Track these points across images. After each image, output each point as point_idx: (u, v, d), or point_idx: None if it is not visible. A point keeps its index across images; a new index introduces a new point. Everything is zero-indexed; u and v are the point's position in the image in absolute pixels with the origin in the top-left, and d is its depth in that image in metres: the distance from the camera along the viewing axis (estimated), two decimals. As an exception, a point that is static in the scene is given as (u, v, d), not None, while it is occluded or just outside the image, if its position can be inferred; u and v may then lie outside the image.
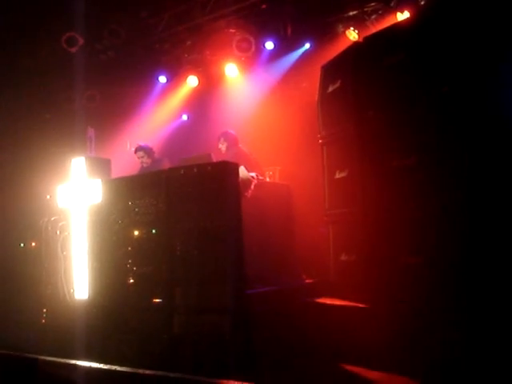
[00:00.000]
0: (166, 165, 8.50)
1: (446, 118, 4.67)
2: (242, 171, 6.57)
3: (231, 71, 10.64)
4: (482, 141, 4.38)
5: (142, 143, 9.41)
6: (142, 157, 9.08)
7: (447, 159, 4.62)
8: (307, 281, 7.16)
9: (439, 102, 4.76)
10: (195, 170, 5.28)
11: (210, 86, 11.37)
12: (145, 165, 9.05)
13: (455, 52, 4.64)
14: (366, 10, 9.12)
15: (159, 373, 3.73)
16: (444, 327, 4.40)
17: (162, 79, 11.08)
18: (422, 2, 8.44)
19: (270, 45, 9.56)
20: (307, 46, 9.92)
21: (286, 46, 9.74)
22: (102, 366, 4.04)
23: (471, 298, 4.11)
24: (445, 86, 4.71)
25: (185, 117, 12.64)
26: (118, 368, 3.87)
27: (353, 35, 9.16)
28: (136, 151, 9.21)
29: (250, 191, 6.86)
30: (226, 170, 5.19)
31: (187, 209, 5.23)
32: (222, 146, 8.37)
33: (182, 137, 11.92)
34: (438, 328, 4.48)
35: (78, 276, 5.93)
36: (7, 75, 9.87)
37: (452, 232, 4.48)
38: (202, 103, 11.67)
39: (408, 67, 5.13)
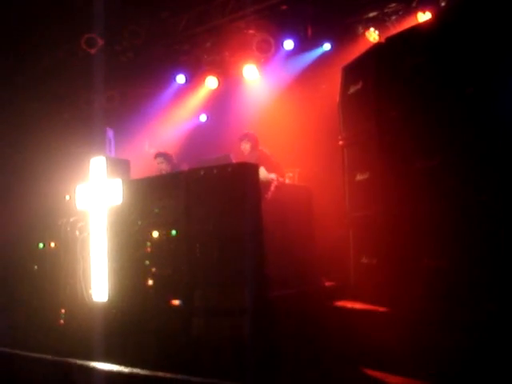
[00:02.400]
0: (185, 168, 8.47)
1: (471, 119, 4.61)
2: (263, 172, 6.53)
3: (250, 72, 10.61)
4: (508, 141, 4.30)
5: (161, 150, 9.40)
6: (162, 163, 9.06)
7: (472, 160, 4.56)
8: (327, 284, 7.10)
9: (463, 102, 4.70)
10: (215, 171, 5.24)
11: (229, 87, 11.36)
12: (164, 172, 9.01)
13: (478, 53, 4.59)
14: (386, 11, 9.07)
15: (180, 376, 3.69)
16: (468, 333, 4.33)
17: (181, 79, 11.05)
18: (443, 3, 8.37)
19: (289, 44, 9.49)
20: (327, 46, 9.87)
21: (305, 47, 9.69)
22: (122, 368, 4.01)
23: (498, 303, 4.03)
24: (469, 86, 4.65)
25: (203, 117, 12.62)
26: (140, 371, 3.84)
27: (373, 36, 9.10)
28: (156, 157, 9.20)
29: (270, 193, 6.82)
30: (246, 171, 5.15)
31: (207, 210, 5.20)
32: (245, 147, 8.32)
33: (200, 138, 11.92)
34: (461, 334, 4.41)
35: (97, 277, 5.91)
36: (27, 75, 9.92)
37: (477, 235, 4.41)
38: (221, 104, 11.67)
39: (431, 68, 5.08)
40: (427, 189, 5.01)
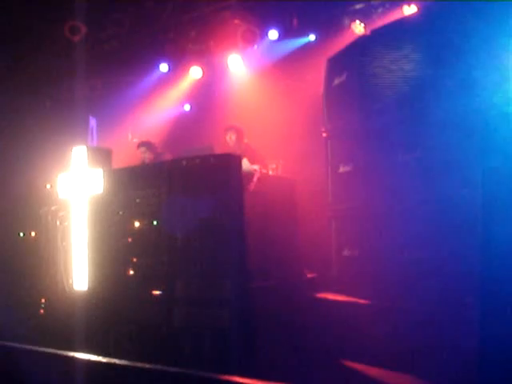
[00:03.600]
0: (168, 158, 8.43)
1: (452, 114, 4.63)
2: (245, 164, 6.51)
3: (235, 62, 10.56)
4: (491, 136, 4.31)
5: (143, 139, 9.33)
6: (144, 152, 9.00)
7: (454, 155, 4.58)
8: (309, 275, 7.11)
9: (445, 96, 4.72)
10: (198, 161, 5.22)
11: (213, 76, 11.29)
12: (147, 161, 8.97)
13: (460, 46, 4.60)
14: (372, 3, 9.05)
15: (158, 367, 3.68)
16: (449, 323, 4.35)
17: (163, 67, 10.96)
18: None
19: (273, 34, 9.44)
20: (312, 37, 9.84)
21: (290, 37, 9.66)
22: (100, 358, 3.99)
23: (481, 294, 4.04)
24: (451, 80, 4.67)
25: (187, 106, 12.56)
26: (117, 361, 3.82)
27: (359, 28, 9.07)
28: (138, 147, 9.13)
29: (252, 184, 6.80)
30: (228, 162, 5.13)
31: (189, 200, 5.17)
32: (231, 139, 8.28)
33: (183, 128, 11.85)
34: (442, 324, 4.44)
35: (78, 267, 5.87)
36: (9, 62, 9.80)
37: (459, 226, 4.43)
38: (205, 94, 11.61)
39: (414, 61, 5.09)
40: (409, 181, 5.03)
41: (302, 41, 9.86)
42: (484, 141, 4.31)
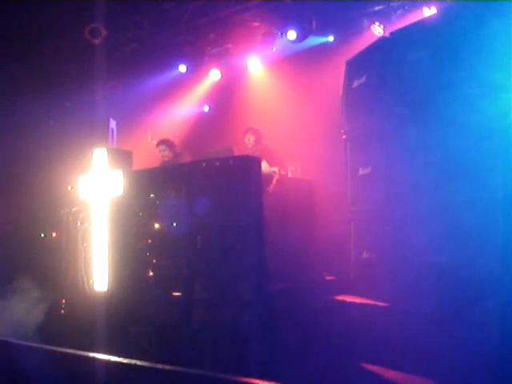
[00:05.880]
0: (187, 158, 8.46)
1: (472, 116, 4.60)
2: (264, 166, 6.52)
3: (254, 65, 10.57)
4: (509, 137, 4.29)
5: (163, 137, 9.38)
6: (164, 150, 9.04)
7: (474, 158, 4.55)
8: (327, 278, 7.10)
9: (465, 98, 4.69)
10: (217, 163, 5.24)
11: (233, 78, 11.31)
12: (166, 159, 9.01)
13: (480, 48, 4.57)
14: (392, 5, 9.01)
15: (179, 369, 3.70)
16: (466, 328, 4.33)
17: (182, 68, 10.99)
18: (448, -1, 8.33)
19: (292, 34, 9.40)
20: (331, 38, 9.83)
21: (309, 39, 9.63)
22: (121, 359, 4.01)
23: (500, 297, 4.02)
24: (471, 82, 4.64)
25: (206, 108, 12.59)
26: (138, 362, 3.85)
27: (378, 30, 9.05)
28: (158, 145, 9.18)
29: (271, 186, 6.81)
30: (248, 164, 5.15)
31: (209, 202, 5.20)
32: (249, 141, 8.32)
33: (203, 129, 11.88)
34: (461, 328, 4.41)
35: (98, 267, 5.92)
36: (30, 64, 9.90)
37: (479, 229, 4.40)
38: (224, 96, 11.63)
39: (433, 63, 5.06)
40: (428, 184, 5.01)
41: (321, 40, 9.84)
42: (504, 144, 4.28)
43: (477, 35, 4.63)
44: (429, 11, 8.32)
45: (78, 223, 6.25)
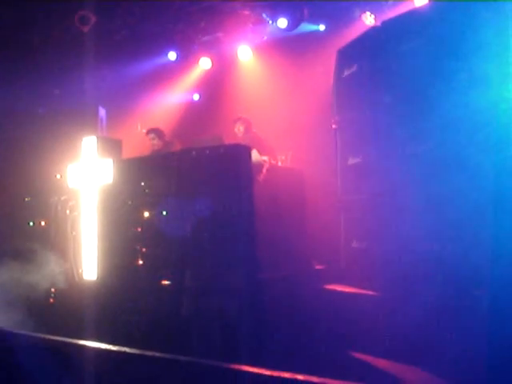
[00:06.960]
0: (177, 146, 8.43)
1: (463, 107, 4.60)
2: (255, 155, 6.51)
3: (244, 53, 10.54)
4: (502, 130, 4.30)
5: (153, 126, 9.34)
6: (153, 139, 9.00)
7: (464, 148, 4.56)
8: (318, 267, 7.11)
9: (456, 89, 4.69)
10: (207, 151, 5.23)
11: (223, 67, 11.27)
12: (156, 147, 8.98)
13: (472, 39, 4.57)
14: (383, -6, 8.99)
15: (168, 356, 3.70)
16: (458, 316, 4.35)
17: (172, 56, 10.93)
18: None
19: (283, 23, 9.36)
20: (322, 27, 9.80)
21: (300, 28, 9.60)
22: (110, 347, 4.01)
23: (490, 286, 4.04)
24: (462, 73, 4.64)
25: (196, 96, 12.54)
26: (128, 350, 3.84)
27: (369, 20, 9.02)
28: (147, 133, 9.14)
29: (262, 175, 6.80)
30: (238, 153, 5.14)
31: (199, 191, 5.19)
32: (239, 130, 8.31)
33: (193, 118, 11.84)
34: (450, 317, 4.43)
35: (87, 256, 5.91)
36: (19, 52, 9.81)
37: (469, 219, 4.41)
38: (214, 85, 11.58)
39: (424, 53, 5.06)
40: (419, 174, 5.01)
41: (312, 27, 9.80)
42: (495, 134, 4.30)
43: (469, 26, 4.63)
44: (420, 1, 8.30)
45: (67, 212, 6.22)
